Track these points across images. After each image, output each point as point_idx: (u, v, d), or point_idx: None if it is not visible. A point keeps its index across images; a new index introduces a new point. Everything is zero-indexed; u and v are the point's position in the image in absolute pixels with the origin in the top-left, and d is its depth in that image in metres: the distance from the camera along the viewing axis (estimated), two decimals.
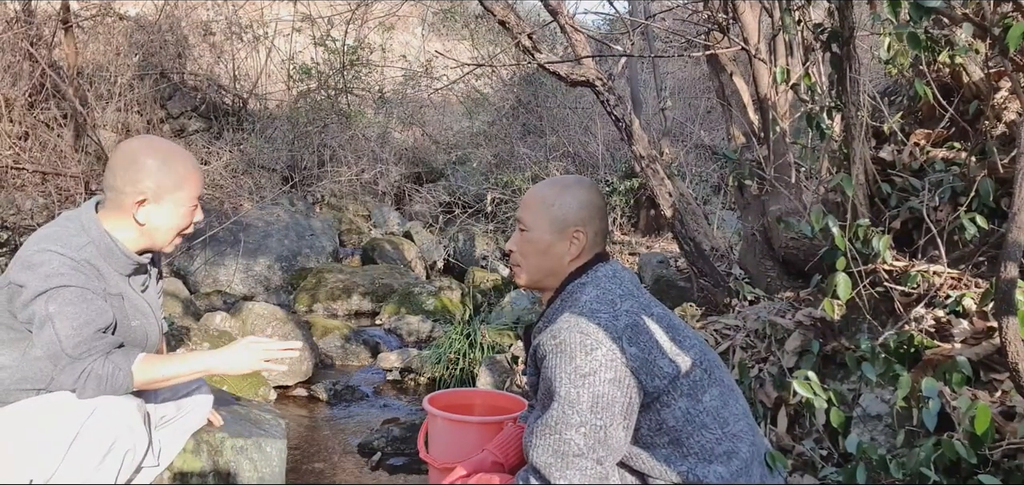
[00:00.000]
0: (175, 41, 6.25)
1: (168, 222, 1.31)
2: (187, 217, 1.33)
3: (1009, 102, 1.96)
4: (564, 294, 1.15)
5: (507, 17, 2.30)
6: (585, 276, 1.14)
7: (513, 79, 7.65)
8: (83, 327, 1.18)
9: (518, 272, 1.20)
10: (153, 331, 1.40)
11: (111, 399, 1.20)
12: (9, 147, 3.88)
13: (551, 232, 1.15)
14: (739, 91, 2.69)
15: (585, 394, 1.00)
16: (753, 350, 1.95)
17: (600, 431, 1.00)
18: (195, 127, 6.14)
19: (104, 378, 1.18)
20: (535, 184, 1.27)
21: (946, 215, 1.81)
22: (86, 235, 1.28)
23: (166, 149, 1.32)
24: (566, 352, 1.02)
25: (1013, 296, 1.26)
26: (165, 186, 1.28)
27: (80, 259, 1.23)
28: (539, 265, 1.16)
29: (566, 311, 1.09)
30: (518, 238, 1.19)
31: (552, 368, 1.03)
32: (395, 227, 5.87)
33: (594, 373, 1.00)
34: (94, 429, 1.18)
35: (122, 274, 1.34)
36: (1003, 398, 1.46)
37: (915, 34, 1.60)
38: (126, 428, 1.20)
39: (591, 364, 1.01)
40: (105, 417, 1.19)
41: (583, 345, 1.02)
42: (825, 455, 1.59)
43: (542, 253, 1.16)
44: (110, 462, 1.20)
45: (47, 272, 1.19)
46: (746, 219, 2.64)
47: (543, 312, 1.18)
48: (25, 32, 4.16)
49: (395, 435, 2.19)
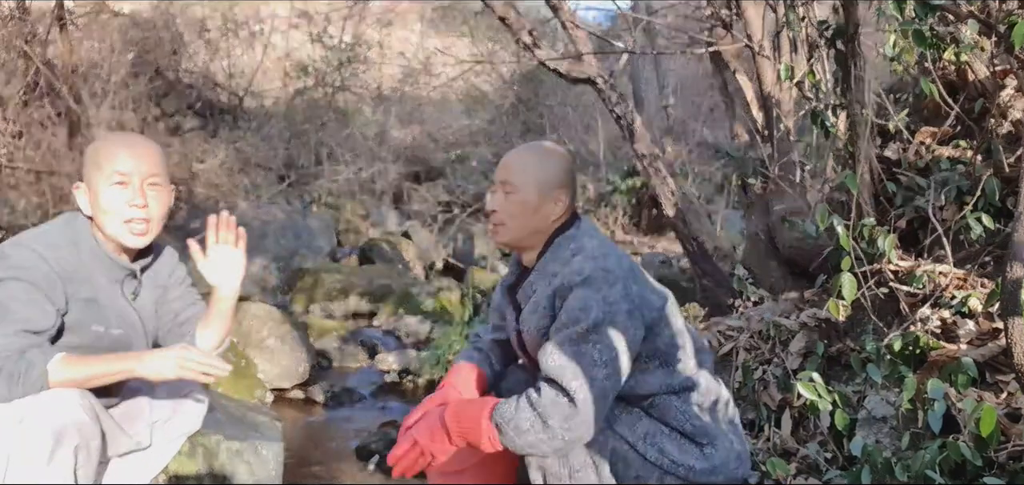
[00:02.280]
0: (170, 38, 6.21)
1: (100, 204, 1.26)
2: (115, 197, 1.26)
3: (1015, 100, 1.95)
4: (553, 247, 1.25)
5: (507, 13, 2.28)
6: (572, 229, 1.26)
7: (513, 76, 7.63)
8: (12, 323, 1.17)
9: (502, 231, 1.28)
10: (139, 342, 1.37)
11: (46, 396, 1.17)
12: (3, 146, 3.85)
13: (538, 193, 1.24)
14: (743, 88, 2.67)
15: (606, 320, 1.12)
16: (757, 351, 1.93)
17: (615, 353, 1.12)
18: (190, 125, 6.10)
19: (15, 375, 1.16)
20: (513, 150, 1.35)
21: (952, 214, 1.80)
22: (73, 235, 1.27)
23: (108, 136, 1.33)
24: (593, 284, 1.13)
25: (1019, 296, 1.25)
26: (88, 169, 1.27)
27: (50, 256, 1.22)
28: (524, 224, 1.26)
29: (572, 257, 1.19)
30: (502, 199, 1.27)
31: (580, 298, 1.13)
32: (393, 227, 5.84)
33: (616, 303, 1.13)
34: (31, 431, 1.15)
35: (112, 279, 1.32)
36: (1009, 400, 1.45)
37: (920, 31, 1.58)
38: (67, 422, 1.17)
39: (614, 295, 1.13)
40: (41, 416, 1.16)
41: (606, 279, 1.14)
42: (829, 457, 1.57)
43: (531, 213, 1.25)
44: (61, 458, 1.17)
45: (8, 264, 1.20)
46: (750, 218, 2.62)
47: (530, 269, 1.29)
48: (19, 29, 4.12)
49: (393, 438, 2.17)
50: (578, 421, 1.08)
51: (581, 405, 1.08)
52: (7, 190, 3.75)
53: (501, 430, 1.12)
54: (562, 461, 1.15)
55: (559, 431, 1.08)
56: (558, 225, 1.26)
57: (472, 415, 1.15)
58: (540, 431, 1.09)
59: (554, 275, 1.20)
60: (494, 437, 1.12)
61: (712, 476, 1.20)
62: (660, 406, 1.22)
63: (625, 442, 1.18)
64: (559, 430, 1.08)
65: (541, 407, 1.09)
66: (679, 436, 1.21)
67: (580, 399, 1.08)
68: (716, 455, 1.21)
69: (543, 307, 1.20)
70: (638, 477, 1.17)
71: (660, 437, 1.19)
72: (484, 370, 1.38)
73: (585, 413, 1.08)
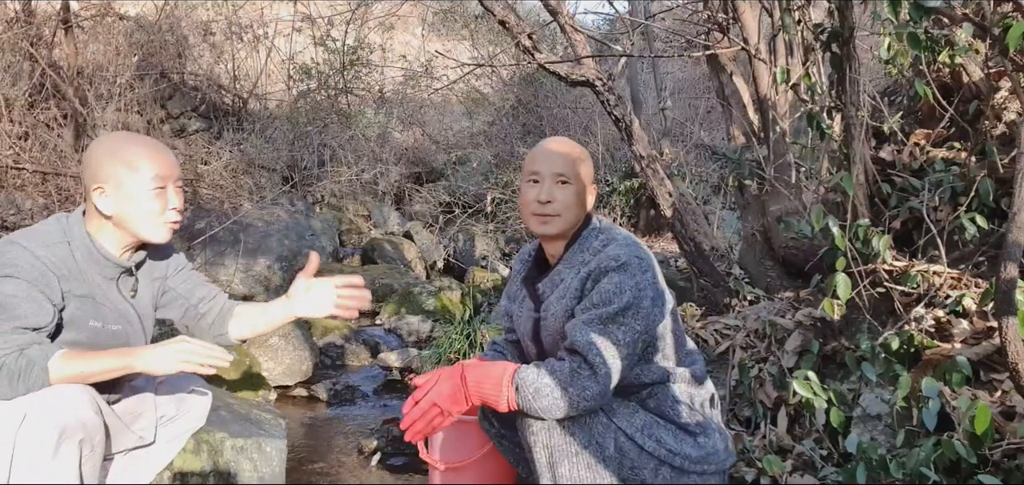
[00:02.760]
0: (175, 41, 6.24)
1: (135, 208, 1.28)
2: (155, 199, 1.29)
3: (1009, 102, 1.96)
4: (582, 239, 1.31)
5: (507, 17, 2.30)
6: (595, 222, 1.34)
7: (513, 79, 7.66)
8: (9, 321, 1.18)
9: (556, 222, 1.31)
10: (137, 337, 1.38)
11: (48, 392, 1.18)
12: (9, 147, 3.88)
13: (588, 184, 1.34)
14: (739, 91, 2.69)
15: (635, 306, 1.19)
16: (753, 350, 1.95)
17: (636, 336, 1.19)
18: (195, 127, 6.14)
19: (16, 372, 1.16)
20: (549, 141, 1.37)
21: (946, 215, 1.81)
22: (65, 234, 1.28)
23: (122, 137, 1.32)
24: (628, 270, 1.21)
25: (1013, 296, 1.26)
26: (119, 172, 1.27)
27: (42, 255, 1.23)
28: (576, 214, 1.31)
29: (604, 247, 1.26)
30: (560, 189, 1.30)
31: (615, 282, 1.20)
32: (395, 227, 5.86)
33: (644, 290, 1.21)
34: (35, 426, 1.15)
35: (107, 277, 1.33)
36: (1003, 398, 1.46)
37: (915, 34, 1.60)
38: (70, 417, 1.17)
39: (644, 282, 1.21)
40: (44, 411, 1.16)
41: (640, 266, 1.22)
42: (825, 455, 1.59)
43: (581, 204, 1.32)
44: (66, 453, 1.16)
45: (4, 261, 1.20)
46: (746, 219, 2.64)
47: (551, 263, 1.35)
48: (25, 32, 4.16)
49: (395, 435, 2.19)
50: (594, 392, 1.15)
51: (601, 379, 1.15)
52: (13, 191, 3.78)
53: (520, 391, 1.17)
54: (570, 461, 1.18)
55: (576, 399, 1.15)
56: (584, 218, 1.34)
57: (495, 376, 1.20)
58: (558, 397, 1.15)
59: (584, 263, 1.27)
60: (512, 398, 1.18)
61: (705, 464, 1.24)
62: (657, 396, 1.27)
63: (623, 434, 1.21)
64: (576, 398, 1.15)
65: (562, 375, 1.16)
66: (674, 427, 1.25)
67: (601, 374, 1.15)
68: (709, 443, 1.26)
69: (572, 291, 1.26)
70: (634, 467, 1.20)
71: (656, 428, 1.23)
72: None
73: (602, 386, 1.16)
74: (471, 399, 1.21)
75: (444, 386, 1.21)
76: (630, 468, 1.20)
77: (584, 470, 1.18)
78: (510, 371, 1.19)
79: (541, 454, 1.20)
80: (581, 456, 1.18)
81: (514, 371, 1.19)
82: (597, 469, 1.18)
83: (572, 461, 1.18)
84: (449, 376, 1.23)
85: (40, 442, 1.15)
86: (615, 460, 1.19)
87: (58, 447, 1.16)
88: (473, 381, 1.20)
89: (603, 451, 1.19)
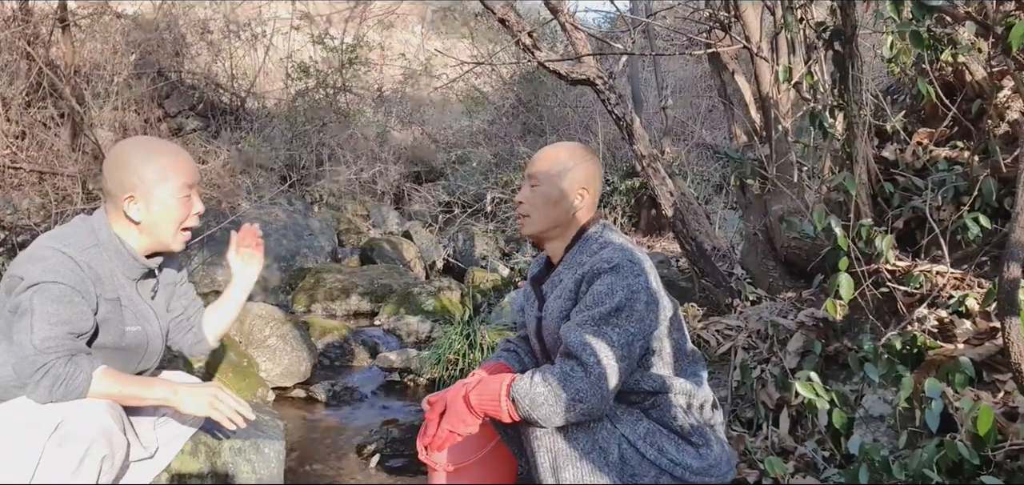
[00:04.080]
0: (173, 39, 6.22)
1: (164, 216, 1.32)
2: (182, 207, 1.33)
3: (1012, 101, 1.95)
4: (582, 241, 1.33)
5: (507, 15, 2.29)
6: (597, 227, 1.35)
7: (513, 78, 7.64)
8: (58, 326, 1.19)
9: (526, 222, 1.36)
10: (155, 339, 1.40)
11: (83, 404, 1.20)
12: (6, 146, 3.86)
13: (561, 188, 1.33)
14: (741, 90, 2.68)
15: (628, 307, 1.19)
16: (755, 351, 1.94)
17: (631, 338, 1.18)
18: (192, 126, 6.12)
19: (61, 378, 1.18)
20: (546, 146, 1.42)
21: (949, 215, 1.80)
22: (94, 237, 1.30)
23: (150, 145, 1.34)
24: (620, 272, 1.21)
25: (1016, 296, 1.26)
26: (150, 180, 1.30)
27: (81, 260, 1.25)
28: (546, 216, 1.34)
29: (600, 249, 1.28)
30: (528, 191, 1.36)
31: (606, 283, 1.21)
32: (394, 227, 5.85)
33: (637, 293, 1.21)
34: (66, 436, 1.17)
35: (131, 278, 1.35)
36: (1006, 399, 1.45)
37: (918, 32, 1.59)
38: (99, 432, 1.19)
39: (637, 284, 1.21)
40: (77, 423, 1.18)
41: (632, 270, 1.22)
42: (827, 456, 1.58)
43: (553, 204, 1.33)
44: (87, 467, 1.19)
45: (44, 267, 1.21)
46: (748, 219, 2.63)
47: (555, 264, 1.37)
48: (22, 30, 4.13)
49: (394, 436, 2.18)
50: (590, 394, 1.14)
51: (595, 380, 1.14)
52: (10, 190, 3.77)
53: (517, 404, 1.17)
54: (574, 466, 1.18)
55: (571, 402, 1.14)
56: (584, 223, 1.36)
57: (493, 391, 1.21)
58: (553, 403, 1.14)
59: (581, 265, 1.28)
60: (511, 410, 1.18)
61: (706, 476, 1.24)
62: (660, 406, 1.27)
63: (627, 441, 1.21)
64: (571, 402, 1.14)
65: (556, 380, 1.15)
66: (676, 437, 1.25)
67: (595, 374, 1.14)
68: (710, 455, 1.25)
69: (568, 293, 1.28)
70: (635, 475, 1.20)
71: (659, 437, 1.23)
72: (512, 364, 1.46)
73: (598, 387, 1.14)
74: (476, 414, 1.23)
75: (454, 414, 1.24)
76: (631, 475, 1.20)
77: (587, 475, 1.17)
78: (506, 384, 1.20)
79: (545, 458, 1.20)
80: (584, 461, 1.17)
81: (510, 383, 1.19)
82: (600, 474, 1.18)
83: (576, 466, 1.18)
84: (454, 398, 1.25)
85: (68, 453, 1.17)
86: (617, 467, 1.19)
87: (83, 461, 1.18)
88: (476, 401, 1.23)
89: (606, 457, 1.18)
